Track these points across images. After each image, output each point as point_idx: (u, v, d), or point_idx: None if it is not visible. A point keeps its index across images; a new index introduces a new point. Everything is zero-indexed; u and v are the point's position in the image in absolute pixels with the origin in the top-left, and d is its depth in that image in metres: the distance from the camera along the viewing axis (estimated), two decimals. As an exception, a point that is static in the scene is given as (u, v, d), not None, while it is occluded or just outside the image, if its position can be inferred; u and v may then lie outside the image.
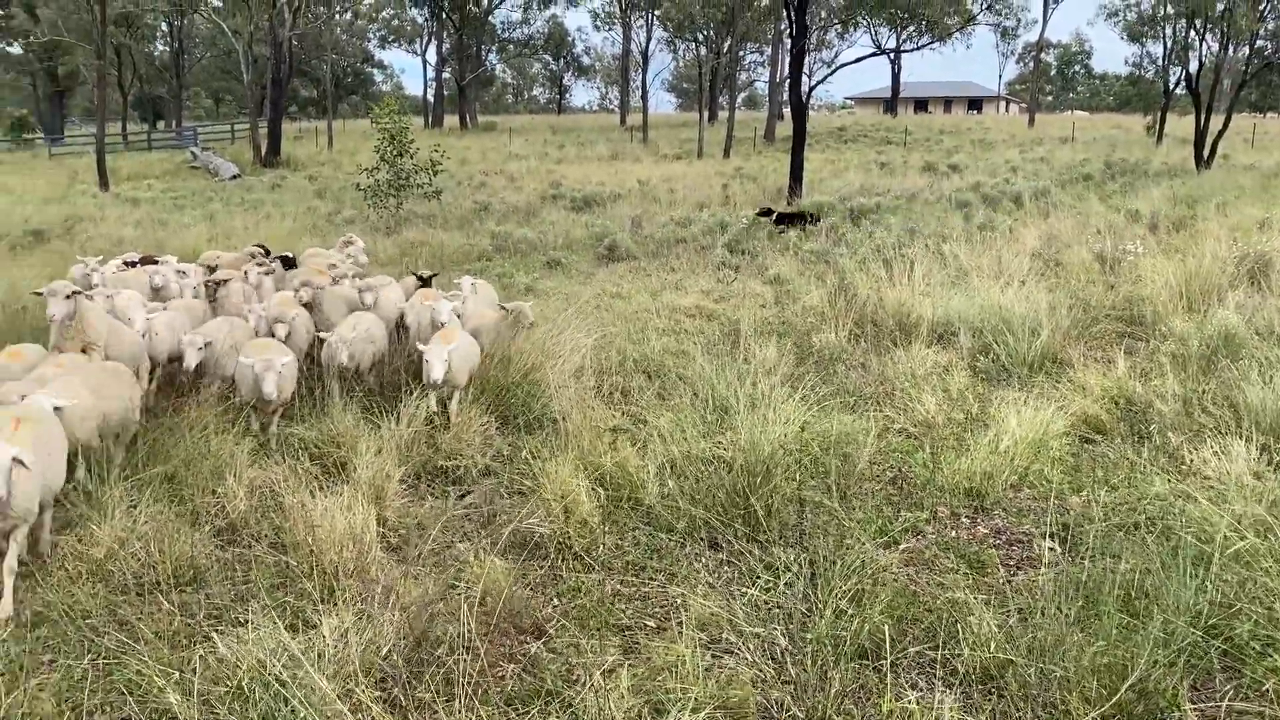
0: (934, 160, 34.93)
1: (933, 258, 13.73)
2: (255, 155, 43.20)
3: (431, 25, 67.94)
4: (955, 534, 6.00)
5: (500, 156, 43.18)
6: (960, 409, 8.11)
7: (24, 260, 17.38)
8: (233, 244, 19.89)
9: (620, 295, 14.51)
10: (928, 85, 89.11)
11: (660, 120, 68.30)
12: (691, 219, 22.13)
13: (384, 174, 24.38)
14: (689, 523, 5.83)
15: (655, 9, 51.13)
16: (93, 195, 31.38)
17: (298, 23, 46.71)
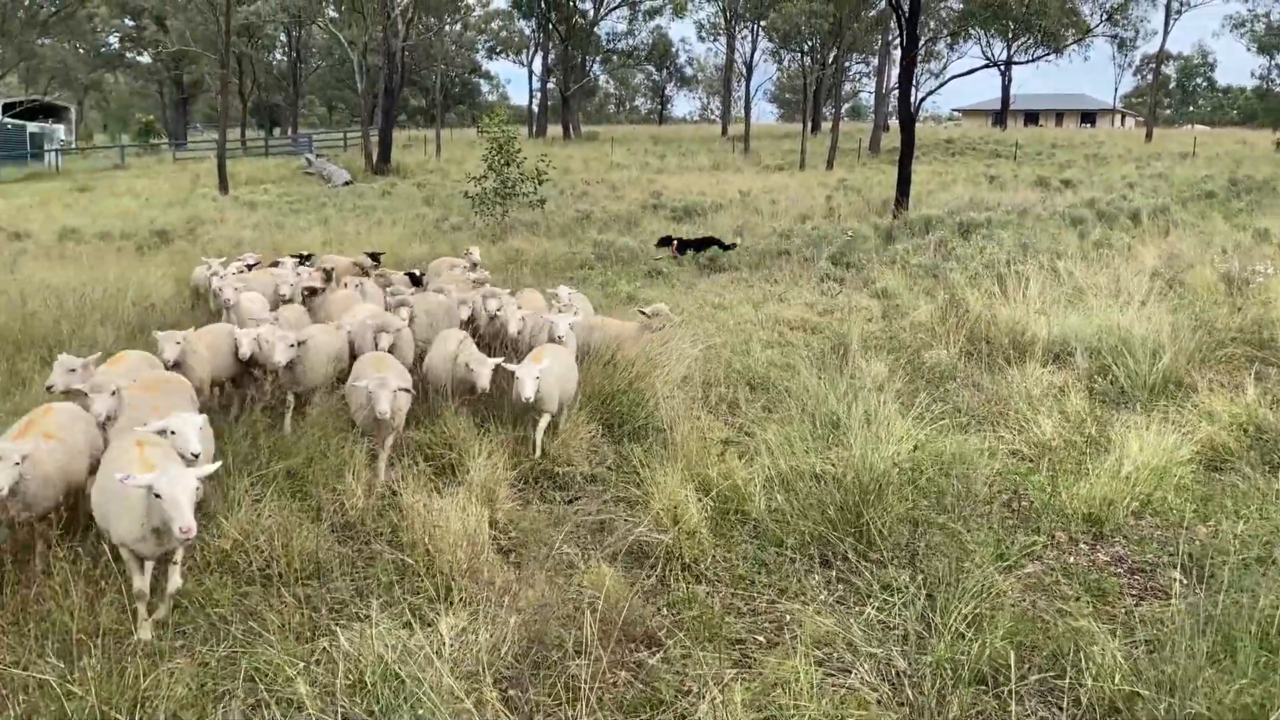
0: (1046, 174, 33.98)
1: (1046, 275, 13.36)
2: (366, 162, 44.45)
3: (538, 36, 69.00)
4: (1074, 560, 5.82)
5: (602, 166, 43.57)
6: (1078, 431, 7.87)
7: (151, 260, 18.20)
8: (345, 248, 20.51)
9: (722, 306, 14.49)
10: (1038, 97, 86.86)
11: (762, 131, 68.06)
12: (794, 230, 21.97)
13: (491, 182, 24.83)
14: (798, 538, 5.78)
15: (761, 20, 50.99)
16: (213, 198, 32.71)
17: (410, 34, 47.97)
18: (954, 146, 52.08)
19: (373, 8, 44.33)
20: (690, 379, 8.88)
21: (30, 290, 13.34)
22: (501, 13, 69.87)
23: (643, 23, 72.48)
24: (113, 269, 15.63)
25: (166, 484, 4.51)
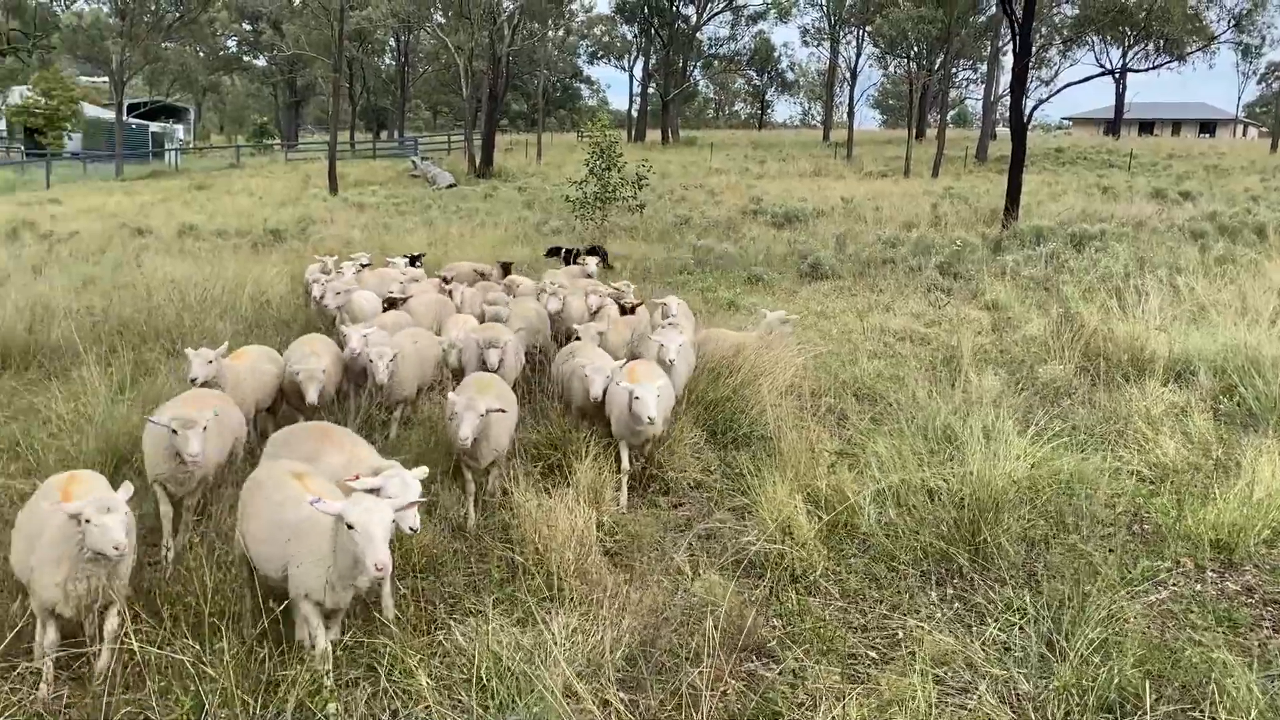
0: (1162, 186, 32.75)
1: (1166, 290, 12.88)
2: (469, 166, 45.27)
3: (640, 41, 69.39)
4: (1202, 588, 5.59)
5: (701, 171, 43.54)
6: (1203, 454, 7.56)
7: (265, 257, 18.83)
8: (449, 250, 20.93)
9: (825, 314, 14.33)
10: (1154, 106, 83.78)
11: (865, 137, 67.17)
12: (899, 239, 21.61)
13: (592, 186, 25.03)
14: (911, 553, 5.67)
15: (867, 25, 50.42)
16: (323, 199, 33.69)
17: (515, 39, 48.71)
18: (1064, 156, 50.59)
19: (480, 14, 45.17)
20: (796, 388, 8.79)
21: (155, 284, 13.93)
22: (604, 18, 70.52)
23: (745, 28, 72.41)
24: (230, 265, 16.21)
25: (360, 514, 4.13)
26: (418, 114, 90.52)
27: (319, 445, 5.65)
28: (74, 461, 7.17)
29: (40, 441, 7.60)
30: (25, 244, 20.65)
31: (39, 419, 8.19)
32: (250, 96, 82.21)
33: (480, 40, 45.46)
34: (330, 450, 5.58)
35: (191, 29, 52.25)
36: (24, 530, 4.65)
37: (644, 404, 6.64)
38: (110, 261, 17.72)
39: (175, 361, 10.43)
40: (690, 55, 69.21)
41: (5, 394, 9.31)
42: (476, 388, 6.83)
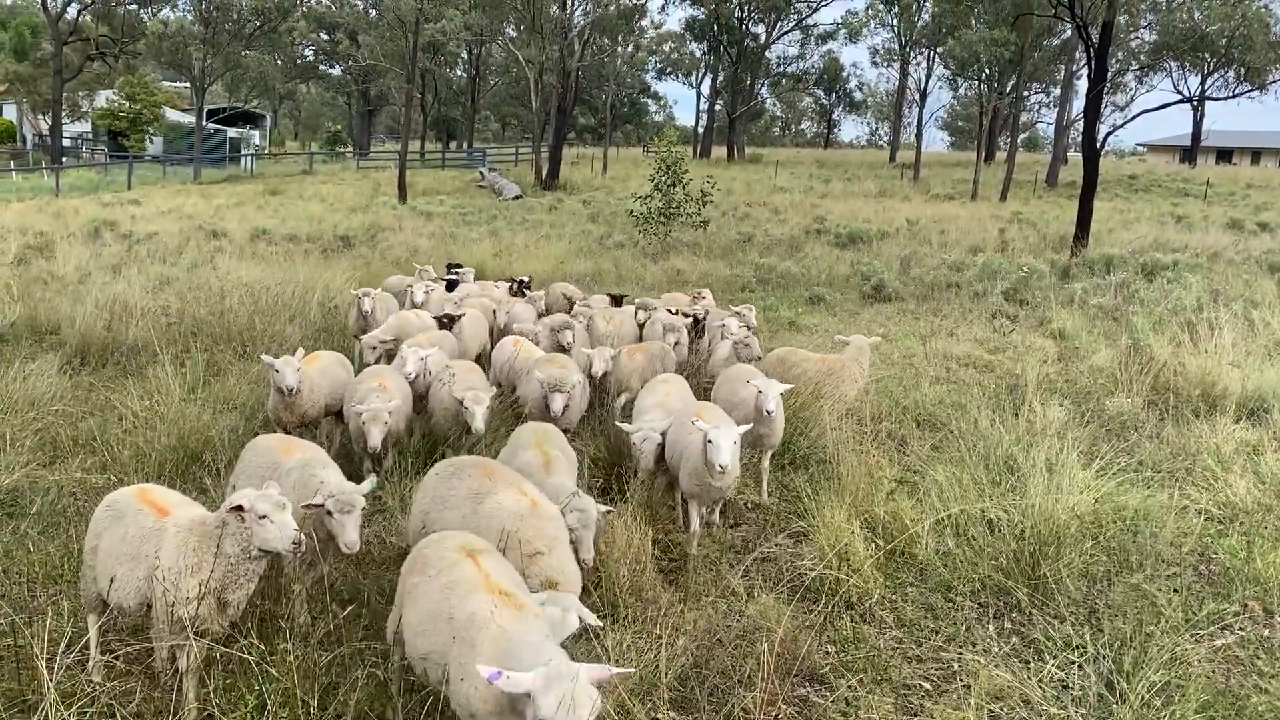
0: (1240, 217, 31.93)
1: (1240, 324, 12.57)
2: (536, 178, 45.73)
3: (709, 58, 69.61)
4: (1269, 633, 5.45)
5: (765, 189, 43.48)
6: (1275, 494, 7.36)
7: (335, 263, 19.22)
8: (514, 260, 21.18)
9: (887, 338, 14.21)
10: (1233, 134, 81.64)
11: (932, 159, 66.53)
12: (965, 263, 21.37)
13: (656, 201, 25.13)
14: (969, 585, 5.62)
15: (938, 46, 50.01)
16: (392, 207, 34.27)
17: (585, 54, 49.16)
18: (1137, 183, 49.59)
19: (551, 29, 45.66)
20: (856, 412, 8.74)
21: (228, 287, 14.29)
22: (674, 35, 70.82)
23: (814, 47, 72.21)
24: (301, 270, 16.57)
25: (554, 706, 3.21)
26: (487, 125, 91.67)
27: (483, 481, 5.22)
28: (147, 459, 7.42)
29: (115, 438, 7.86)
30: (106, 243, 21.31)
31: (115, 415, 8.45)
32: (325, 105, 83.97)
33: (551, 54, 45.96)
34: (501, 487, 5.15)
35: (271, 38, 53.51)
36: (110, 549, 4.40)
37: (718, 449, 5.92)
38: (186, 263, 18.23)
39: (246, 363, 10.72)
40: (758, 73, 69.21)
41: (83, 390, 9.63)
42: (539, 443, 6.16)
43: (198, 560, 4.17)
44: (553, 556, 4.71)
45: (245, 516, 4.16)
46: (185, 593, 4.12)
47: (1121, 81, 53.13)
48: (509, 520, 4.84)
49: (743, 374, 7.98)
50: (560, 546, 4.81)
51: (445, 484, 5.30)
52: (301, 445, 5.89)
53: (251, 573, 4.26)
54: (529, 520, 4.84)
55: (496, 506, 4.96)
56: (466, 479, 5.23)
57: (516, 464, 5.86)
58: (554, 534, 4.85)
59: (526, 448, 6.14)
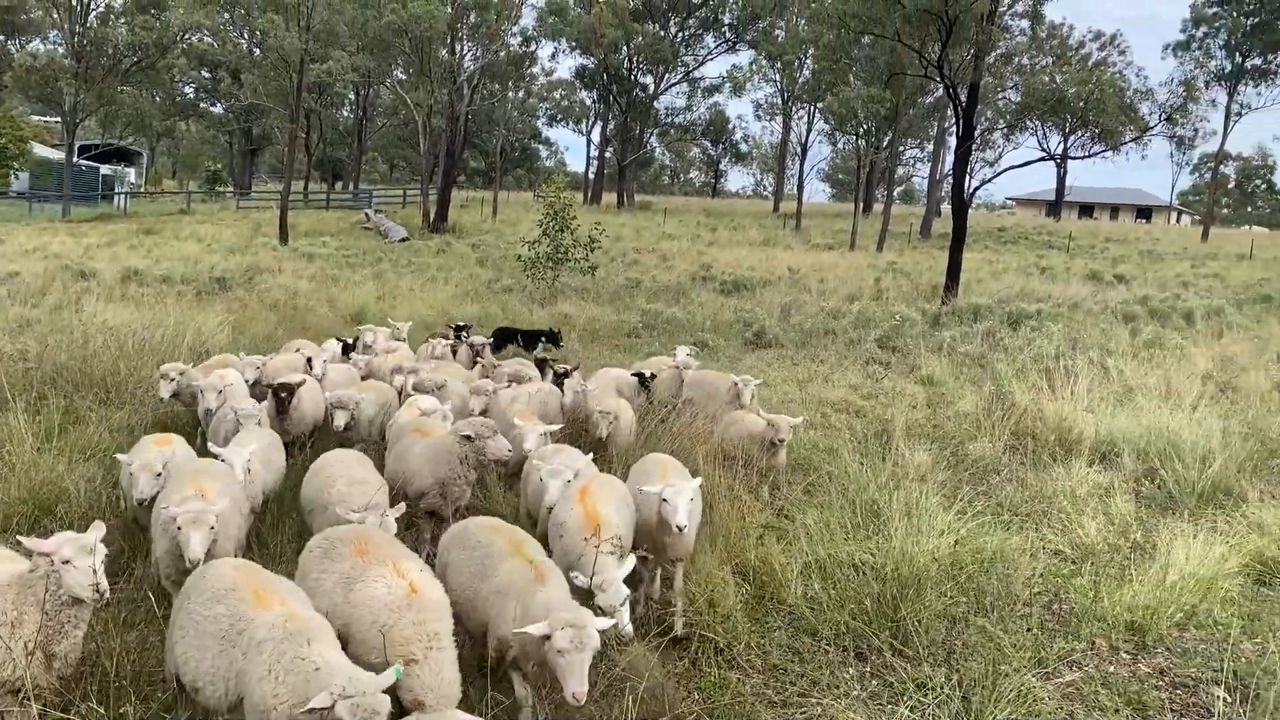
0: (1098, 269, 33.78)
1: (1096, 372, 13.25)
2: (424, 220, 45.36)
3: (599, 107, 70.43)
4: (1114, 669, 5.71)
5: (654, 236, 44.04)
6: (1123, 536, 7.76)
7: (209, 305, 18.63)
8: (398, 304, 20.93)
9: (767, 383, 14.48)
10: (1094, 190, 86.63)
11: (814, 209, 68.50)
12: (842, 311, 22.01)
13: (544, 247, 25.22)
14: (834, 628, 5.74)
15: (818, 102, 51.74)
16: (273, 248, 33.48)
17: (474, 98, 49.20)
18: (1006, 235, 52.01)
19: (440, 73, 45.61)
20: (731, 455, 8.87)
21: (92, 330, 13.70)
22: (564, 83, 71.49)
23: (701, 99, 73.78)
24: (172, 312, 16.00)
25: None
26: (374, 166, 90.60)
27: (354, 563, 4.68)
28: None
29: (-43, 490, 7.41)
30: (-40, 283, 20.23)
31: (-42, 467, 7.98)
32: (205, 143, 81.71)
33: (440, 98, 45.88)
34: (374, 569, 4.63)
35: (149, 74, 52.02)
36: None
37: (674, 510, 5.60)
38: (49, 304, 17.44)
39: (107, 410, 10.27)
40: (647, 123, 70.33)
41: (-73, 439, 9.06)
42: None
43: (18, 614, 3.91)
44: (427, 665, 4.11)
45: (53, 560, 3.92)
46: (14, 652, 3.86)
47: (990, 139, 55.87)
48: (382, 614, 4.26)
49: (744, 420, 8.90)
50: (443, 646, 4.22)
51: (318, 565, 4.78)
52: (277, 593, 4.31)
53: (74, 620, 4.01)
54: (405, 614, 4.24)
55: (368, 597, 4.39)
56: (338, 560, 4.69)
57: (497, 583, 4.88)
58: (436, 628, 4.26)
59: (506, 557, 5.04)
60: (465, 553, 5.10)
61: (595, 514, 5.52)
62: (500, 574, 4.83)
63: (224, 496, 5.48)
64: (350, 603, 4.39)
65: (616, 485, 6.22)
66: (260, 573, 4.45)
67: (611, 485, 6.15)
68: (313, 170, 73.88)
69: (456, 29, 45.76)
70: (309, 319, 18.07)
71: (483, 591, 4.83)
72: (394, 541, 4.92)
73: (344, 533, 4.93)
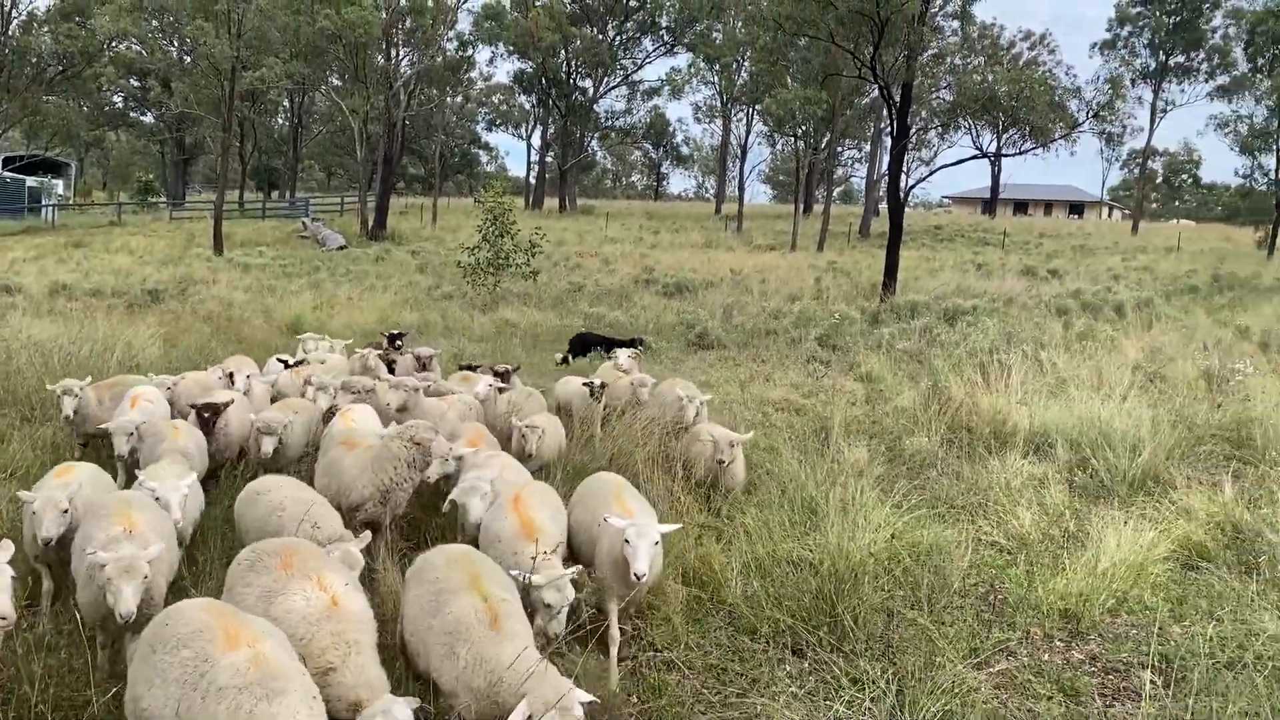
0: (1033, 264, 34.48)
1: (1030, 364, 13.47)
2: (362, 228, 44.85)
3: (538, 111, 70.25)
4: (1048, 657, 5.79)
5: (596, 239, 44.03)
6: (1056, 525, 7.88)
7: (140, 319, 18.19)
8: (336, 313, 20.64)
9: (709, 384, 14.51)
10: (1028, 187, 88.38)
11: (755, 211, 69.01)
12: (783, 311, 22.17)
13: (484, 253, 25.08)
14: (772, 626, 5.75)
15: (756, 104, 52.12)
16: (207, 259, 32.88)
17: (411, 104, 48.77)
18: (943, 233, 52.86)
19: (376, 78, 45.15)
20: (671, 458, 8.87)
21: (15, 346, 13.31)
22: (503, 87, 71.21)
23: (641, 102, 73.94)
24: (102, 326, 15.61)
25: None
26: (311, 174, 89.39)
27: (277, 576, 4.56)
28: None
29: None
30: (-123, 301, 19.55)
31: None
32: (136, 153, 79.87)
33: (376, 104, 45.41)
34: (296, 583, 4.53)
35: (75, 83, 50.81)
36: None
37: (636, 555, 5.07)
38: (-31, 321, 16.89)
39: (31, 428, 9.98)
40: (587, 126, 70.29)
41: None
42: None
43: None
44: (347, 668, 4.08)
45: None
46: None
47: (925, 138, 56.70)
48: (300, 626, 4.22)
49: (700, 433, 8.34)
50: (361, 650, 4.19)
51: (242, 579, 4.63)
52: (249, 633, 3.91)
53: None
54: (324, 625, 4.22)
55: (286, 611, 4.32)
56: (263, 573, 4.58)
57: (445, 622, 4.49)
58: (356, 637, 4.25)
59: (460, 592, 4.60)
60: (421, 587, 4.71)
61: (530, 521, 5.43)
62: (451, 611, 4.41)
63: (157, 535, 5.03)
64: (270, 616, 4.28)
65: (549, 493, 6.14)
66: (233, 613, 4.07)
67: (545, 493, 6.07)
68: (248, 179, 72.63)
69: (392, 34, 45.36)
70: (244, 330, 17.74)
71: (434, 629, 4.41)
72: (322, 554, 4.78)
73: (272, 546, 4.79)
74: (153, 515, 5.37)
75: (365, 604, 4.50)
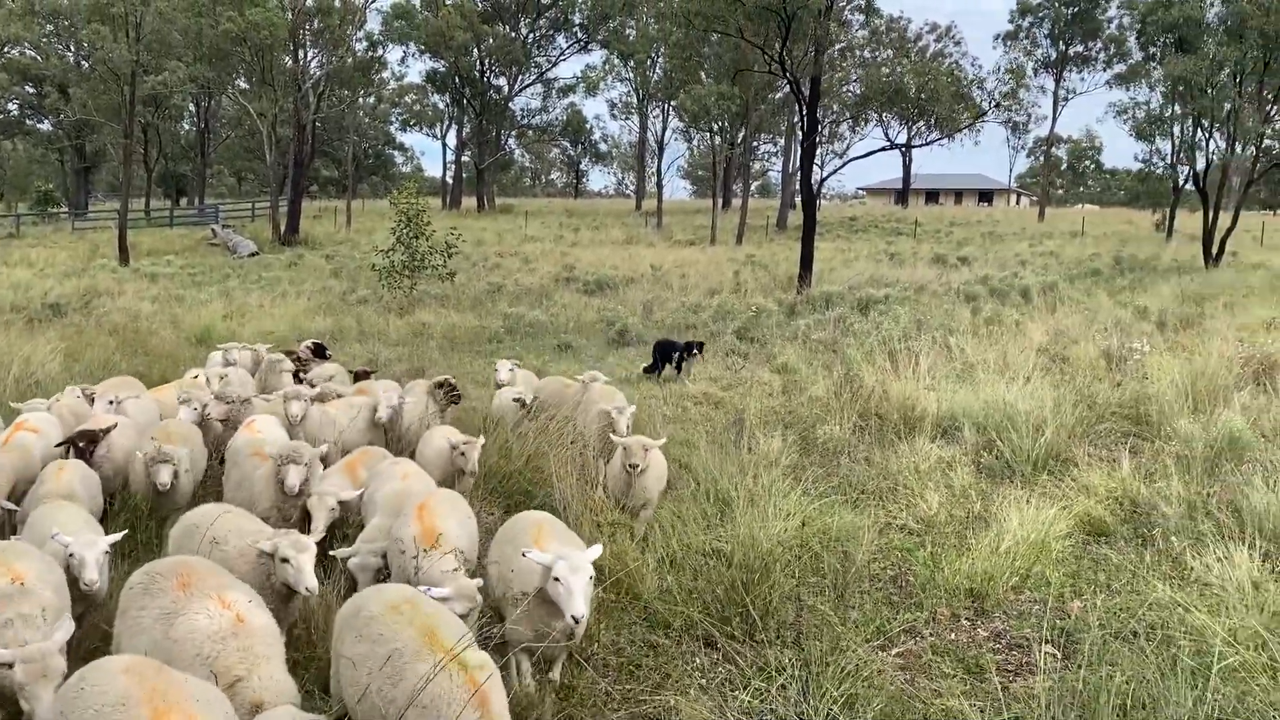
0: (944, 252, 35.24)
1: (939, 351, 13.79)
2: (274, 233, 43.93)
3: (452, 111, 69.57)
4: (954, 636, 5.94)
5: (516, 239, 43.78)
6: (963, 506, 8.09)
7: (41, 333, 17.58)
8: (247, 321, 20.18)
9: (629, 380, 14.59)
10: (939, 177, 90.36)
11: (675, 206, 69.32)
12: (702, 305, 22.33)
13: (399, 255, 24.76)
14: (685, 620, 5.79)
15: (671, 100, 52.35)
16: (112, 270, 31.90)
17: (321, 106, 47.91)
18: (857, 224, 53.72)
19: (284, 80, 44.25)
20: (587, 457, 8.87)
21: (-97, 367, 12.76)
22: (415, 87, 70.32)
23: (556, 99, 73.71)
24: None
25: None
26: (220, 180, 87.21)
27: (176, 597, 4.41)
28: None
29: None
30: None
31: None
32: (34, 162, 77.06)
33: (285, 107, 44.49)
34: (197, 602, 4.38)
35: (-36, 90, 48.89)
36: None
37: (570, 596, 4.51)
38: None
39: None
40: (504, 125, 69.84)
41: None
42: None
43: None
44: (255, 676, 3.98)
45: None
46: None
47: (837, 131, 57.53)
48: (206, 644, 4.08)
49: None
50: (270, 661, 4.08)
51: (137, 602, 4.44)
52: (181, 706, 3.45)
53: None
54: (230, 642, 4.09)
55: (189, 630, 4.16)
56: (158, 595, 4.39)
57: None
58: (262, 652, 4.12)
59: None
60: (364, 645, 4.15)
61: (433, 528, 5.35)
62: (419, 683, 3.80)
63: (49, 588, 4.50)
64: (170, 638, 4.15)
65: (458, 501, 6.07)
66: (158, 674, 3.56)
67: (453, 500, 6.00)
68: (154, 186, 70.47)
69: (299, 35, 44.45)
70: (152, 342, 17.23)
71: (398, 702, 3.82)
72: (220, 571, 4.65)
73: (166, 565, 4.64)
74: (42, 567, 4.75)
75: (270, 619, 4.41)
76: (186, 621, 4.20)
